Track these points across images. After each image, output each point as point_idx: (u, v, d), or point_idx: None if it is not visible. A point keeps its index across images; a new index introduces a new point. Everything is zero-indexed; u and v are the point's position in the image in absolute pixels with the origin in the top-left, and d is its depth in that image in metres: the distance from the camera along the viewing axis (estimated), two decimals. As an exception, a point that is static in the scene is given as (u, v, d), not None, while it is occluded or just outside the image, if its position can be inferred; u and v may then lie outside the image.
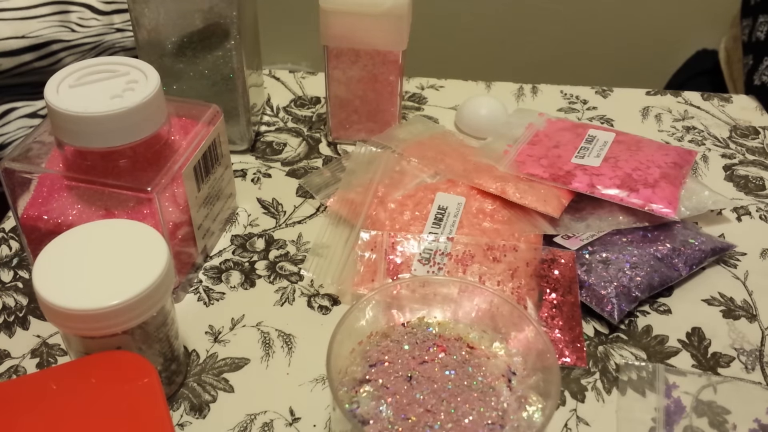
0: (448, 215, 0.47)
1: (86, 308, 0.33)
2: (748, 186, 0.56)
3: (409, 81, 0.67)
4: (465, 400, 0.32)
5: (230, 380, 0.41)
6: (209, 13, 0.50)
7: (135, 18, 0.50)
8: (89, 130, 0.39)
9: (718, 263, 0.48)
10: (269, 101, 0.64)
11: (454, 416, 0.32)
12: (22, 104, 0.70)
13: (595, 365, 0.42)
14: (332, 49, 0.53)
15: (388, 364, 0.34)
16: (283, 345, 0.43)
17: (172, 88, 0.53)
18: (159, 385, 0.32)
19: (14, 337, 0.43)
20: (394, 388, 0.33)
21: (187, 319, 0.44)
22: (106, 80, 0.41)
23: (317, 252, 0.48)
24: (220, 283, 0.47)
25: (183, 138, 0.44)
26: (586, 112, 0.64)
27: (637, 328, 0.44)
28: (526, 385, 0.33)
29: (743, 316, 0.45)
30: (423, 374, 0.33)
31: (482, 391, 0.33)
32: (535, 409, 0.32)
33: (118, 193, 0.41)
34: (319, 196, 0.52)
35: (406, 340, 0.35)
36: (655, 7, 1.18)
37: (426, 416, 0.31)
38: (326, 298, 0.46)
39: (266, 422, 0.39)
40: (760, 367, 0.42)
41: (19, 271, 0.47)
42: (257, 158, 0.57)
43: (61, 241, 0.36)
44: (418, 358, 0.34)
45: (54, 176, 0.42)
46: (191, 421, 0.39)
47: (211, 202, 0.47)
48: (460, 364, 0.34)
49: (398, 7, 0.50)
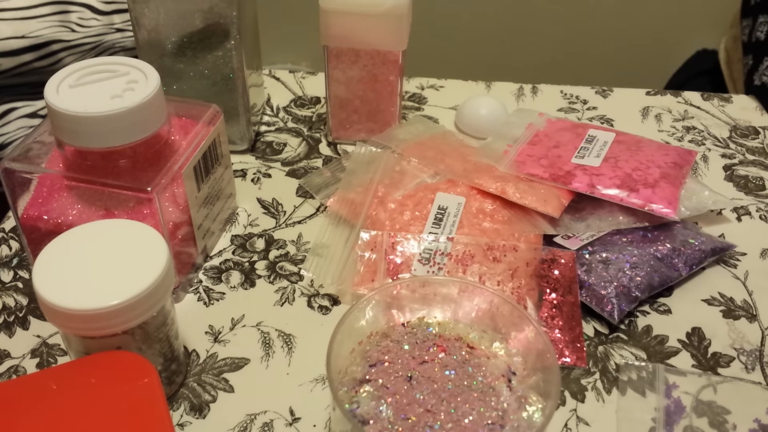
0: (448, 215, 0.47)
1: (86, 308, 0.33)
2: (748, 186, 0.56)
3: (409, 81, 0.67)
4: (465, 400, 0.32)
5: (230, 380, 0.41)
6: (209, 13, 0.50)
7: (135, 18, 0.50)
8: (89, 130, 0.39)
9: (718, 263, 0.48)
10: (269, 101, 0.64)
11: (454, 416, 0.32)
12: (22, 104, 0.70)
13: (595, 365, 0.42)
14: (332, 49, 0.53)
15: (388, 364, 0.34)
16: (283, 345, 0.43)
17: (172, 88, 0.53)
18: (159, 385, 0.32)
19: (14, 337, 0.43)
20: (394, 388, 0.33)
21: (187, 319, 0.44)
22: (106, 80, 0.41)
23: (317, 252, 0.48)
24: (220, 283, 0.47)
25: (183, 138, 0.44)
26: (586, 112, 0.64)
27: (637, 328, 0.44)
28: (526, 385, 0.33)
29: (743, 316, 0.45)
30: (423, 374, 0.33)
31: (482, 391, 0.33)
32: (535, 409, 0.32)
33: (118, 193, 0.41)
34: (319, 196, 0.52)
35: (406, 340, 0.35)
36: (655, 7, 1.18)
37: (426, 416, 0.32)
38: (326, 298, 0.46)
39: (266, 422, 0.39)
40: (760, 367, 0.42)
41: (19, 271, 0.47)
42: (257, 158, 0.57)
43: (61, 241, 0.36)
44: (418, 358, 0.34)
45: (54, 176, 0.42)
46: (191, 421, 0.39)
47: (211, 202, 0.47)
48: (460, 364, 0.34)
49: (398, 7, 0.50)
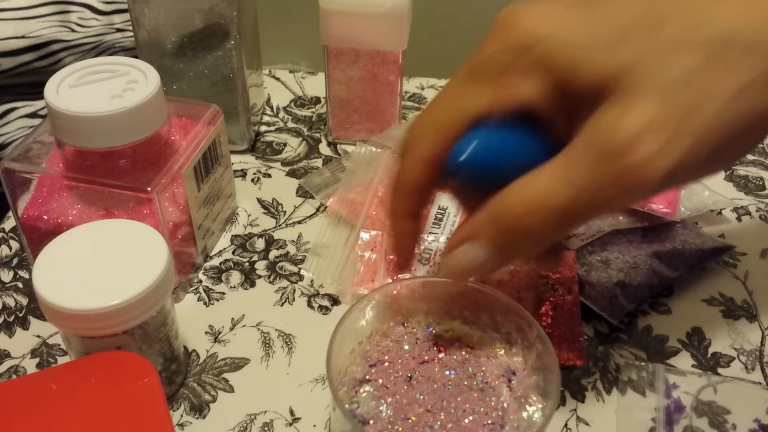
0: (448, 215, 0.47)
1: (86, 308, 0.33)
2: (748, 186, 0.56)
3: (409, 81, 0.67)
4: (465, 400, 0.32)
5: (230, 380, 0.41)
6: (209, 13, 0.50)
7: (135, 18, 0.50)
8: (89, 130, 0.39)
9: (718, 263, 0.48)
10: (269, 101, 0.64)
11: (454, 416, 0.32)
12: (22, 104, 0.70)
13: (595, 365, 0.42)
14: (332, 49, 0.53)
15: (388, 364, 0.34)
16: (283, 345, 0.43)
17: (172, 88, 0.53)
18: (159, 385, 0.32)
19: (14, 337, 0.43)
20: (394, 389, 0.33)
21: (187, 319, 0.44)
22: (106, 80, 0.41)
23: (317, 252, 0.48)
24: (220, 283, 0.47)
25: (183, 138, 0.44)
26: (586, 112, 0.64)
27: (637, 328, 0.44)
28: (526, 385, 0.33)
29: (743, 316, 0.45)
30: (423, 374, 0.33)
31: (482, 391, 0.33)
32: (535, 409, 0.32)
33: (118, 193, 0.41)
34: (319, 196, 0.52)
35: (405, 340, 0.35)
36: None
37: (426, 416, 0.32)
38: (326, 298, 0.46)
39: (266, 422, 0.39)
40: (760, 367, 0.42)
41: (19, 271, 0.47)
42: (257, 158, 0.57)
43: (61, 241, 0.36)
44: (418, 358, 0.34)
45: (54, 176, 0.42)
46: (191, 421, 0.39)
47: (211, 202, 0.47)
48: (460, 364, 0.34)
49: (398, 7, 0.50)
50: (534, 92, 0.28)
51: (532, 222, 0.27)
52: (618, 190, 0.26)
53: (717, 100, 0.26)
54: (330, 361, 0.32)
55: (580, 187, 0.26)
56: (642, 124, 0.25)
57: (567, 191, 0.26)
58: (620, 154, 0.25)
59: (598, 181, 0.26)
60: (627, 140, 0.25)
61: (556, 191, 0.26)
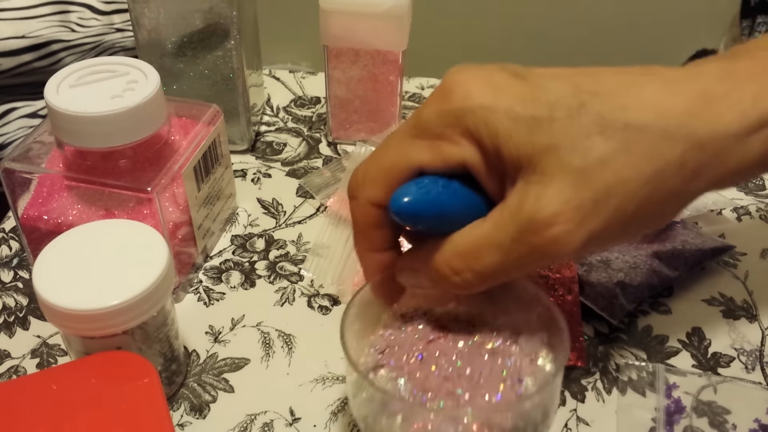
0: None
1: (86, 308, 0.33)
2: (748, 186, 0.55)
3: (409, 81, 0.67)
4: (479, 365, 0.33)
5: (230, 380, 0.41)
6: (209, 13, 0.50)
7: (135, 18, 0.50)
8: (89, 130, 0.39)
9: (718, 263, 0.48)
10: (269, 101, 0.64)
11: (472, 380, 0.32)
12: (22, 104, 0.70)
13: (595, 365, 0.42)
14: (332, 49, 0.53)
15: (397, 348, 0.34)
16: (283, 345, 0.43)
17: (172, 88, 0.53)
18: (159, 385, 0.32)
19: (14, 337, 0.43)
20: (408, 368, 0.33)
21: (187, 319, 0.44)
22: (106, 80, 0.41)
23: (317, 252, 0.48)
24: (220, 283, 0.47)
25: (183, 138, 0.44)
26: (586, 112, 0.64)
27: (637, 328, 0.44)
28: (534, 343, 0.33)
29: (743, 316, 0.45)
30: (432, 351, 0.34)
31: (494, 354, 0.33)
32: (547, 361, 0.33)
33: (118, 193, 0.41)
34: (319, 196, 0.52)
35: (408, 327, 0.35)
36: (655, 6, 1.18)
37: (446, 384, 0.32)
38: (326, 298, 0.46)
39: (266, 422, 0.39)
40: (760, 367, 0.42)
41: (19, 271, 0.47)
42: (257, 158, 0.57)
43: (61, 241, 0.36)
44: (425, 339, 0.34)
45: (54, 176, 0.42)
46: (191, 421, 0.39)
47: (211, 202, 0.47)
48: (466, 337, 0.34)
49: (398, 7, 0.50)
50: (467, 155, 0.30)
51: (459, 280, 0.31)
52: (537, 257, 0.29)
53: (631, 183, 0.28)
54: (345, 338, 0.32)
55: (504, 252, 0.29)
56: (559, 203, 0.28)
57: (493, 255, 0.30)
58: (539, 230, 0.28)
59: (521, 248, 0.29)
60: (545, 218, 0.28)
61: (483, 254, 0.30)
